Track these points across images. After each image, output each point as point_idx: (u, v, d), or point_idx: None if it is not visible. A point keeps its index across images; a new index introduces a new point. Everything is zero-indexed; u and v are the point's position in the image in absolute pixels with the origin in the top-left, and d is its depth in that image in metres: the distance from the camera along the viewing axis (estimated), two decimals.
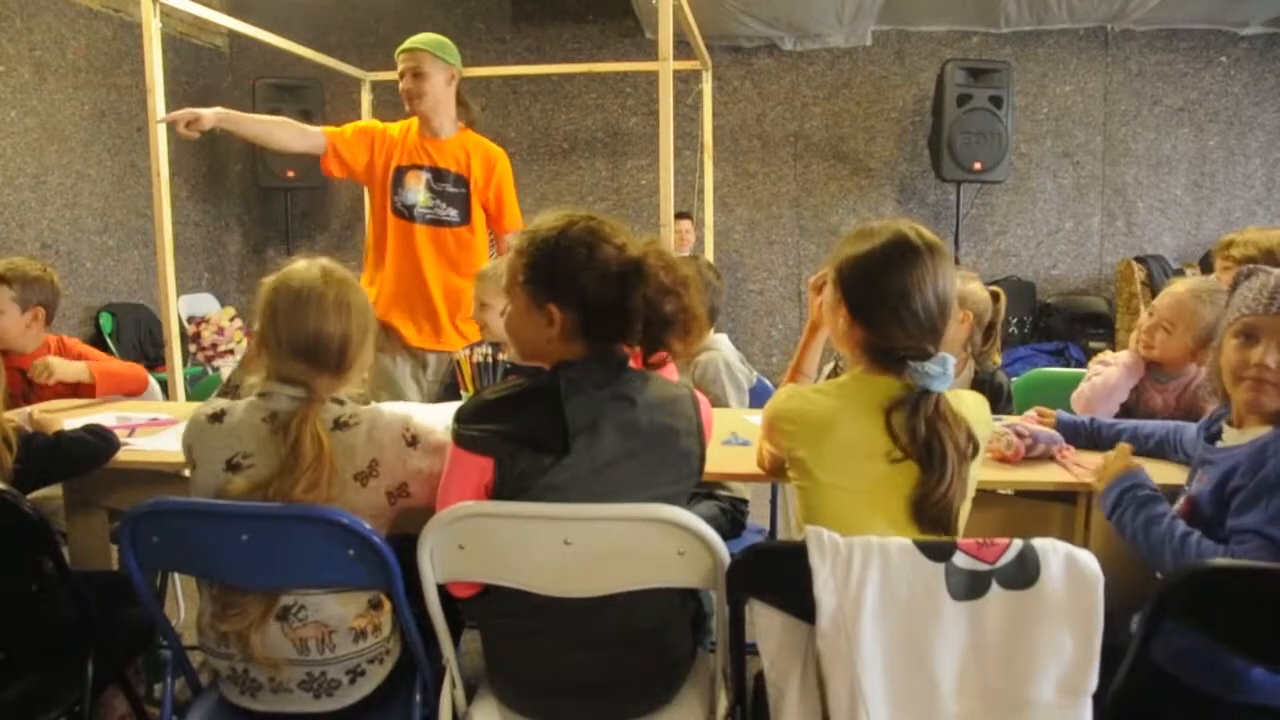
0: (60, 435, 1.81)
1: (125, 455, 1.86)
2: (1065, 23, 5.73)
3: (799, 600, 1.16)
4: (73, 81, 4.97)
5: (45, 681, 1.59)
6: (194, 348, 5.50)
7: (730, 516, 2.12)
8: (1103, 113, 5.87)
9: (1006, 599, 1.13)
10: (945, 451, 1.28)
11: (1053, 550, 1.14)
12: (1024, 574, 1.13)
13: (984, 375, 2.20)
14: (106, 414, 2.24)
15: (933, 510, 1.28)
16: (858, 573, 1.14)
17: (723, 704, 1.45)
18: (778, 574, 1.21)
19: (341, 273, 1.53)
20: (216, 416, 1.48)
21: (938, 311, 1.34)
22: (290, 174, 5.84)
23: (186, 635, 2.06)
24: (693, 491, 1.50)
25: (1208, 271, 3.66)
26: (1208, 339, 1.97)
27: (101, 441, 1.82)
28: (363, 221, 5.54)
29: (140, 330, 5.33)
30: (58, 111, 4.88)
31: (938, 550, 1.15)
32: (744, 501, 2.19)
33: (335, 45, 5.57)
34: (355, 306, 1.51)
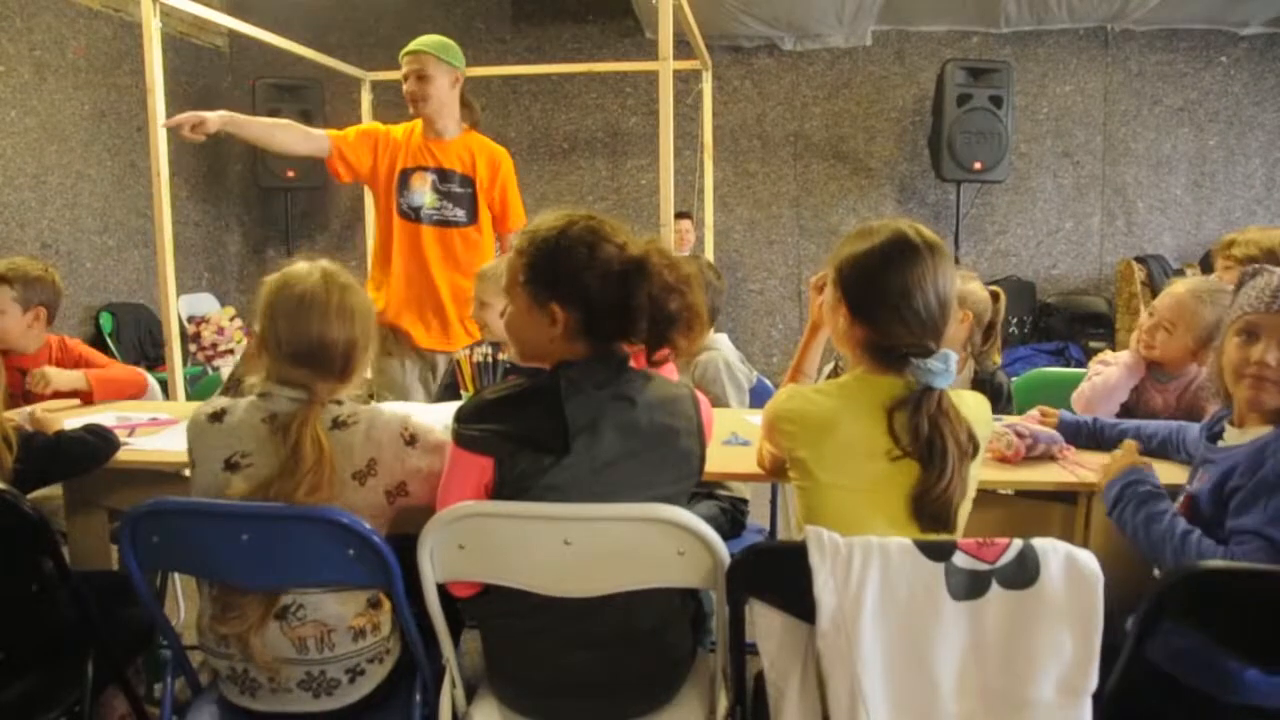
0: (60, 435, 1.81)
1: (125, 455, 1.86)
2: (1065, 23, 5.73)
3: (799, 600, 1.16)
4: (73, 81, 4.97)
5: (45, 681, 1.59)
6: (194, 347, 5.51)
7: (730, 516, 2.12)
8: (1103, 113, 5.87)
9: (1006, 599, 1.13)
10: (946, 448, 1.28)
11: (1053, 550, 1.14)
12: (1024, 574, 1.13)
13: (984, 375, 2.20)
14: (106, 414, 2.24)
15: (932, 507, 1.28)
16: (858, 573, 1.14)
17: (723, 704, 1.45)
18: (778, 574, 1.21)
19: (344, 277, 1.52)
20: (216, 416, 1.48)
21: (938, 309, 1.34)
22: (290, 174, 5.84)
23: (186, 635, 2.06)
24: (693, 491, 1.50)
25: (1208, 271, 3.66)
26: (1208, 339, 1.97)
27: (101, 441, 1.82)
28: (363, 221, 5.54)
29: (140, 330, 5.33)
30: (58, 111, 4.88)
31: (938, 550, 1.15)
32: (744, 501, 2.19)
33: (335, 45, 5.57)
34: (358, 312, 1.50)
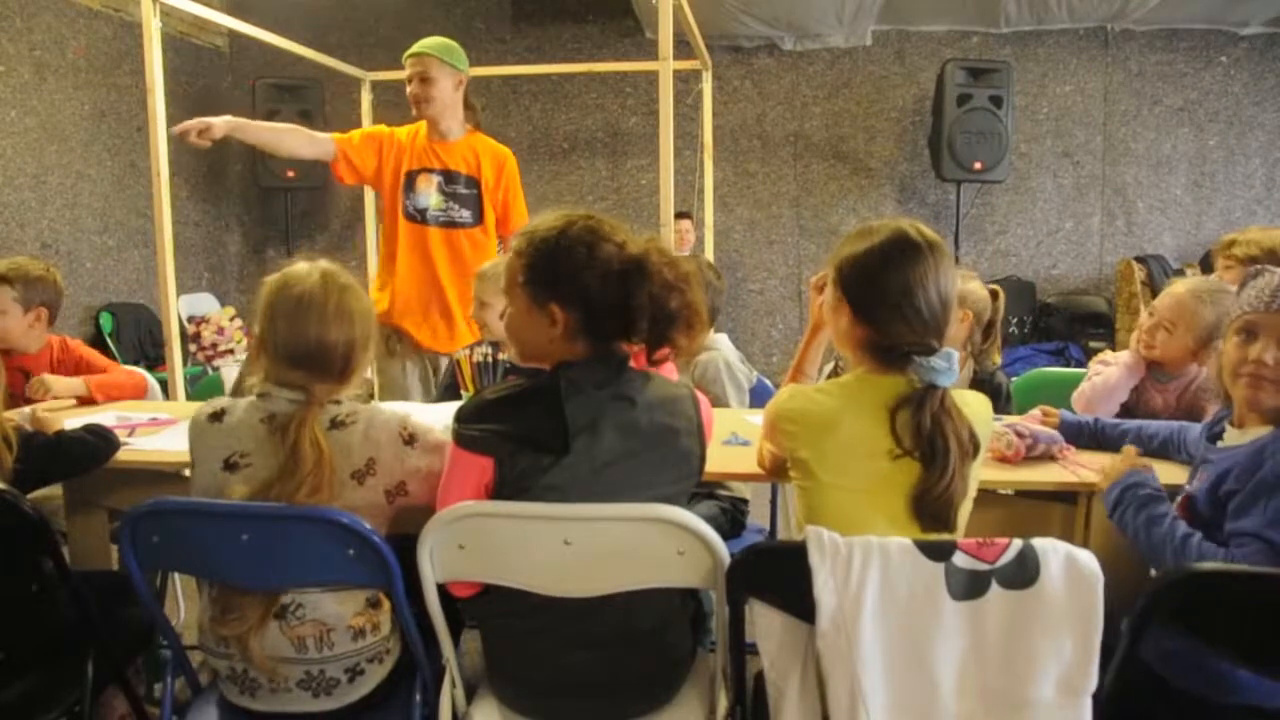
0: (60, 435, 1.81)
1: (125, 455, 1.86)
2: (1065, 23, 5.73)
3: (799, 600, 1.16)
4: (73, 81, 4.97)
5: (45, 681, 1.59)
6: (194, 347, 5.51)
7: (730, 516, 2.12)
8: (1103, 113, 5.87)
9: (1006, 599, 1.13)
10: (948, 448, 1.28)
11: (1053, 550, 1.14)
12: (1024, 574, 1.13)
13: (983, 375, 2.19)
14: (107, 414, 2.24)
15: (933, 506, 1.28)
16: (858, 573, 1.14)
17: (723, 704, 1.45)
18: (778, 574, 1.21)
19: (343, 278, 1.51)
20: (216, 416, 1.48)
21: (940, 308, 1.33)
22: (290, 174, 5.83)
23: (186, 635, 2.06)
24: (693, 491, 1.49)
25: (1208, 271, 3.66)
26: (1208, 339, 1.97)
27: (101, 441, 1.82)
28: (363, 221, 5.54)
29: (140, 330, 5.33)
30: (58, 111, 4.88)
31: (938, 550, 1.15)
32: (744, 501, 2.18)
33: (335, 45, 5.57)
34: (357, 313, 1.50)
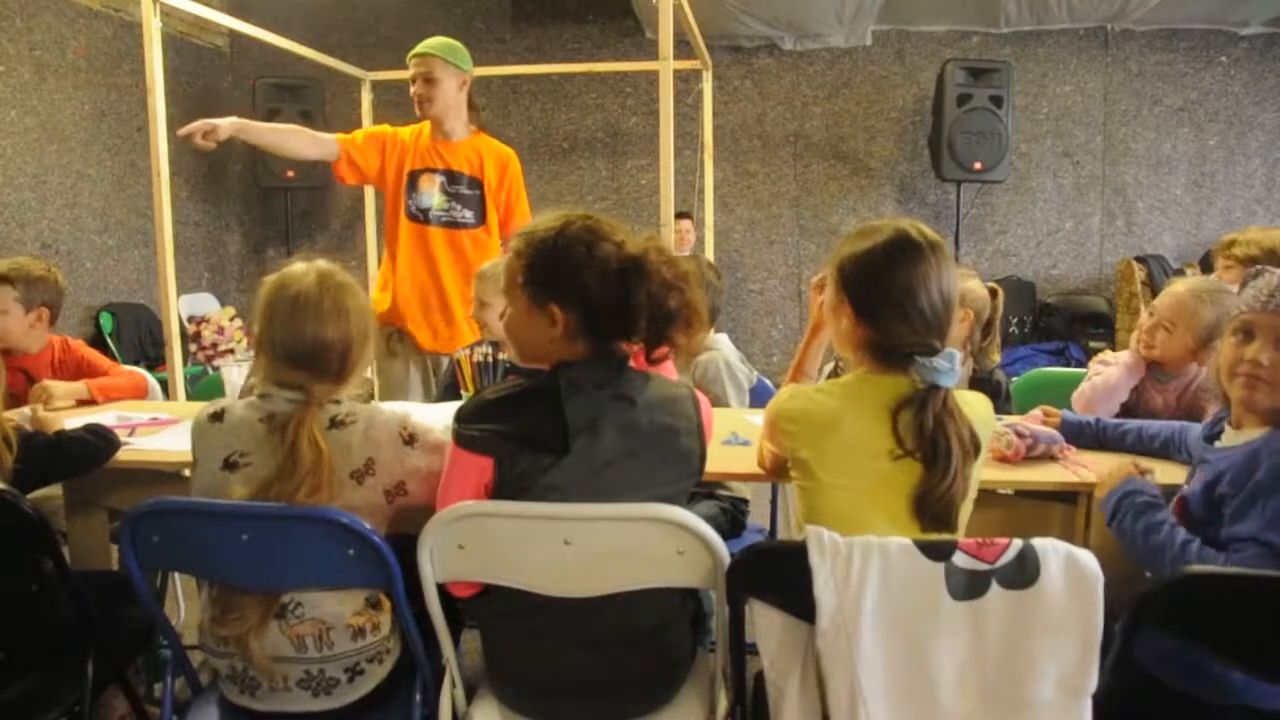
0: (61, 435, 1.81)
1: (125, 455, 1.86)
2: (1065, 23, 5.73)
3: (799, 600, 1.16)
4: (73, 81, 4.97)
5: (45, 681, 1.59)
6: (194, 347, 5.51)
7: (730, 516, 2.12)
8: (1103, 113, 5.87)
9: (1006, 599, 1.13)
10: (950, 448, 1.27)
11: (1053, 550, 1.14)
12: (1024, 574, 1.13)
13: (982, 374, 2.19)
14: (107, 414, 2.24)
15: (934, 507, 1.28)
16: (858, 572, 1.14)
17: (723, 704, 1.45)
18: (778, 574, 1.21)
19: (340, 277, 1.51)
20: (217, 416, 1.48)
21: (942, 308, 1.33)
22: (290, 174, 5.83)
23: (186, 635, 2.06)
24: (693, 491, 1.49)
25: (1208, 271, 3.66)
26: (1208, 339, 1.97)
27: (102, 441, 1.82)
28: (363, 221, 5.54)
29: (140, 330, 5.33)
30: (58, 111, 4.88)
31: (937, 550, 1.15)
32: (744, 501, 2.19)
33: (335, 45, 5.57)
34: (354, 312, 1.50)
